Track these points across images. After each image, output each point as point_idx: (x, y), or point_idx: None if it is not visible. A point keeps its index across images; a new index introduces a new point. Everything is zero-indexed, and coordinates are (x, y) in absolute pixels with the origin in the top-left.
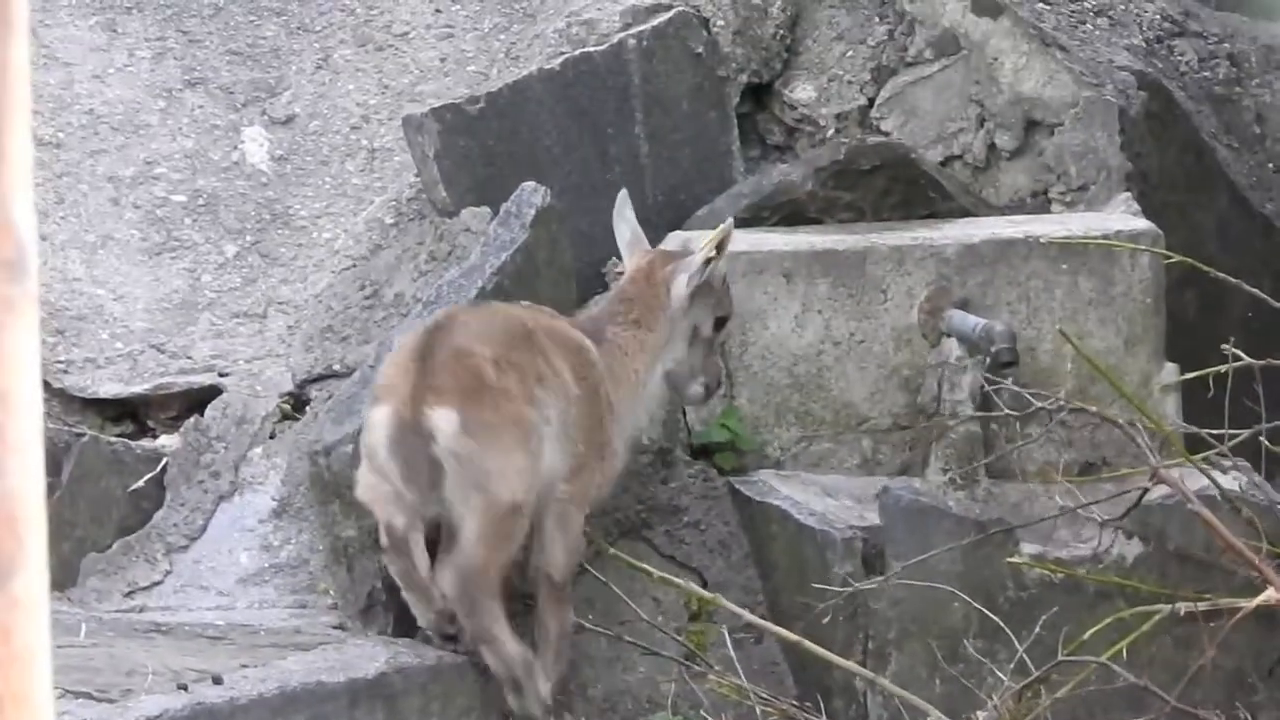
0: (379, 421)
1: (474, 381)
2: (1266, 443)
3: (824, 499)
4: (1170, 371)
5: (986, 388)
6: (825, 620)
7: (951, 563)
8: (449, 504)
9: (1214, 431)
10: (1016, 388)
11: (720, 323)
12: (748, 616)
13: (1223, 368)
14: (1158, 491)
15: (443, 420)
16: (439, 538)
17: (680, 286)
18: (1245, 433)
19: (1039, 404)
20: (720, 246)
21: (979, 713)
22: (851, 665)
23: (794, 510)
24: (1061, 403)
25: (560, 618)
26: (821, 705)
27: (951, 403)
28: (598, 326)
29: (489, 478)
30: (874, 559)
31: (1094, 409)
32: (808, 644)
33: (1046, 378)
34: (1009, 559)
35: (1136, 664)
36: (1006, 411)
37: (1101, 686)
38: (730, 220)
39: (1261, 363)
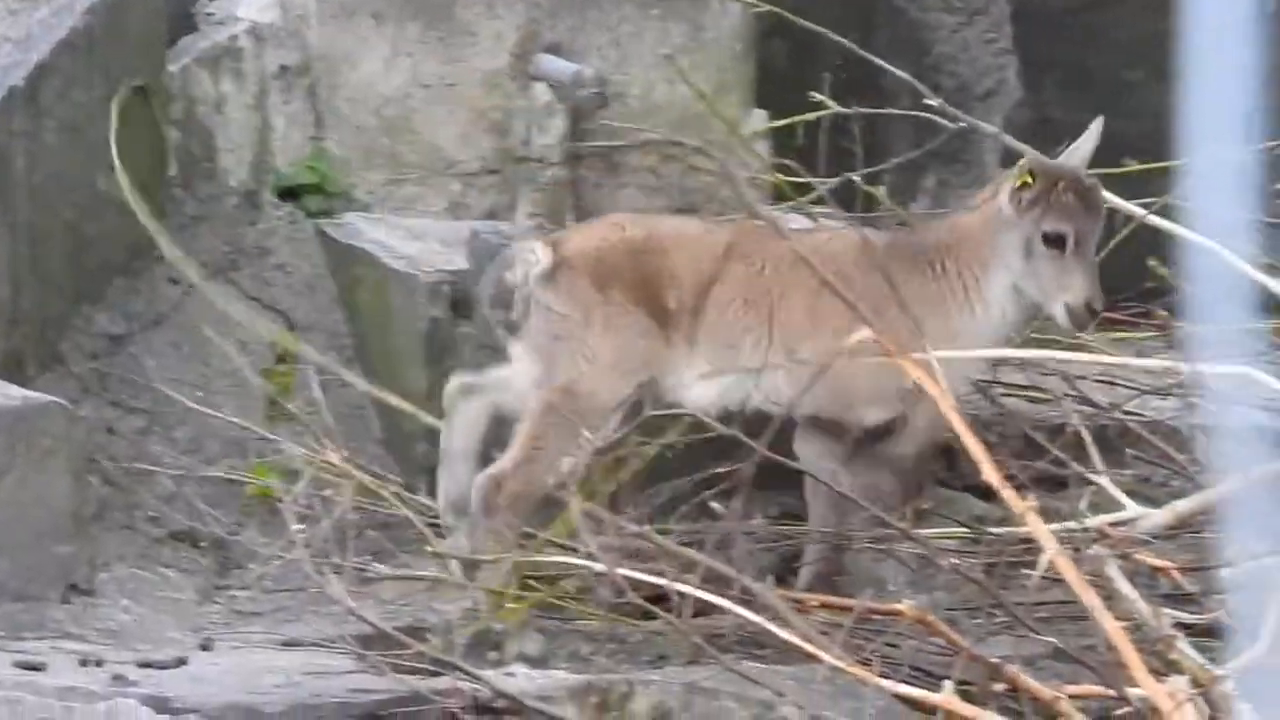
0: None
1: (592, 242)
2: (862, 184)
3: (412, 242)
4: (759, 118)
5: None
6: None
7: None
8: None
9: (806, 180)
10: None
11: (1051, 238)
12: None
13: (811, 115)
14: None
15: (538, 250)
16: None
17: (1003, 204)
18: (834, 180)
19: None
20: (1030, 179)
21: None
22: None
23: (381, 253)
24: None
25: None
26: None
27: (540, 147)
28: (922, 242)
29: (554, 346)
30: (461, 303)
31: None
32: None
33: (636, 123)
34: None
35: None
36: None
37: None
38: (1030, 155)
39: (850, 110)
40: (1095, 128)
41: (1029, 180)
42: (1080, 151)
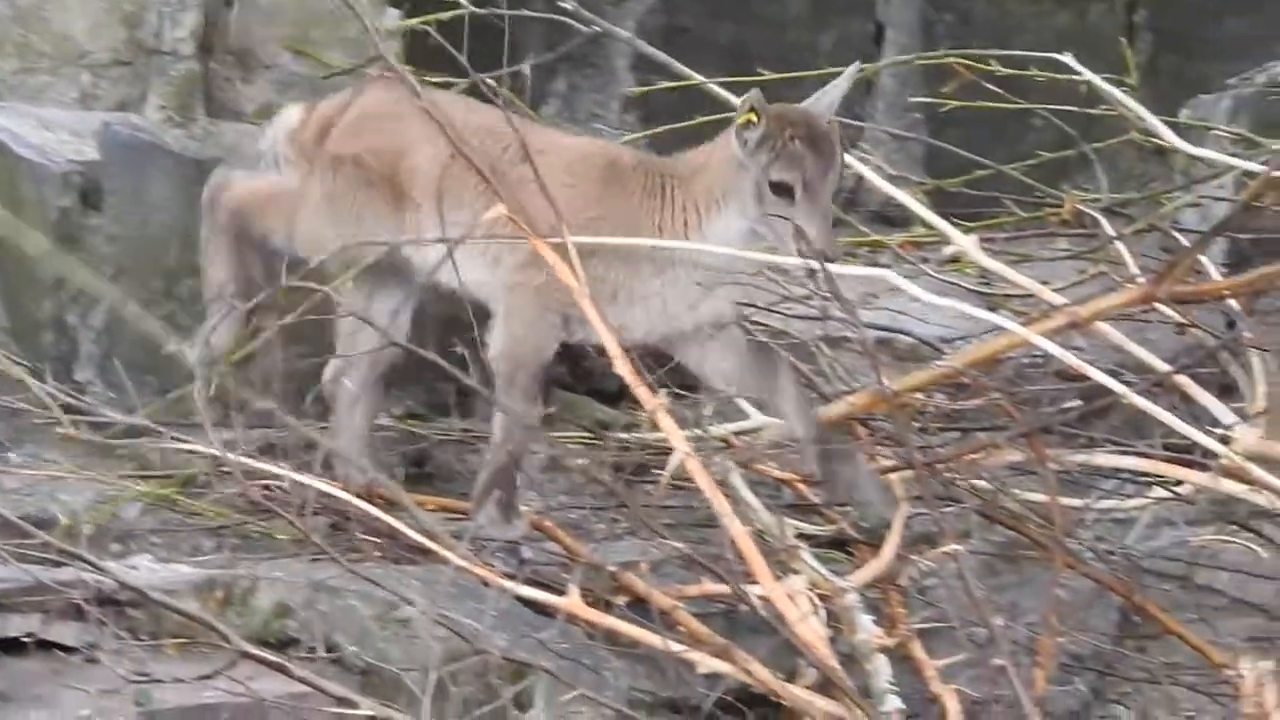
0: None
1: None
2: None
3: (42, 132)
4: (393, 17)
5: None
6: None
7: (170, 201)
8: None
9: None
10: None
11: (779, 187)
12: None
13: (445, 15)
14: None
15: (292, 111)
16: None
17: (733, 144)
18: (465, 81)
19: None
20: (755, 118)
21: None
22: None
23: (11, 142)
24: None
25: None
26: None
27: (172, 40)
28: (662, 170)
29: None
30: (92, 194)
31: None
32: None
33: (268, 18)
34: None
35: None
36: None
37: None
38: (753, 92)
39: (484, 10)
40: (850, 72)
41: (753, 119)
42: (827, 98)
